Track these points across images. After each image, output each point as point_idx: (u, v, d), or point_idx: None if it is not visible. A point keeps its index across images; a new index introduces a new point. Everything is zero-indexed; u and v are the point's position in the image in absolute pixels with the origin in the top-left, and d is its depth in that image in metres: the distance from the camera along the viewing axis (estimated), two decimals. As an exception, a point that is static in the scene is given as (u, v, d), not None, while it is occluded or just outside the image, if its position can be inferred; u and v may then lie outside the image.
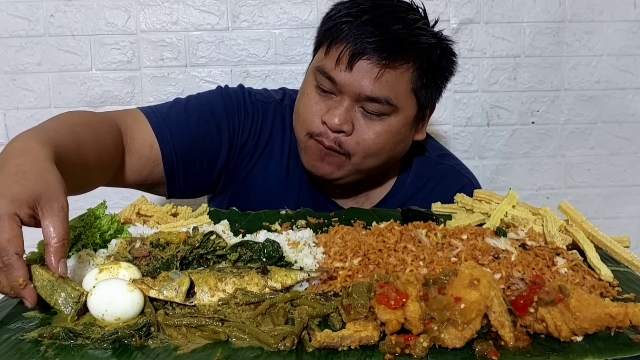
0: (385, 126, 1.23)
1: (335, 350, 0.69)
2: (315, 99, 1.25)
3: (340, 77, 1.19)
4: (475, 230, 0.99)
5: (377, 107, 1.20)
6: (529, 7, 2.01)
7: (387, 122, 1.23)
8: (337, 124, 1.20)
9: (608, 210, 2.18)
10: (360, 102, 1.21)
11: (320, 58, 1.25)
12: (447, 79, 1.31)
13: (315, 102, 1.24)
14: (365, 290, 0.73)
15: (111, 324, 0.74)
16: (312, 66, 1.28)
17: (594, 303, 0.70)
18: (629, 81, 2.09)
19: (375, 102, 1.19)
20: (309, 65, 1.33)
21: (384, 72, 1.17)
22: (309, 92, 1.26)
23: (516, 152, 2.12)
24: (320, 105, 1.24)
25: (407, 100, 1.23)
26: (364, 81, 1.18)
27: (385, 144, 1.25)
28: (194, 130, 1.27)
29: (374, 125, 1.22)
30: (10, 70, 1.92)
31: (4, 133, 1.95)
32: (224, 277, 0.82)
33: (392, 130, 1.24)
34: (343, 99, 1.21)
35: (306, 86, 1.28)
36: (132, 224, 1.02)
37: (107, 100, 1.96)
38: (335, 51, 1.20)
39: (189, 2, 1.94)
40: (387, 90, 1.19)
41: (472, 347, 0.69)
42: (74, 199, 2.16)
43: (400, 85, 1.21)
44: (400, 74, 1.20)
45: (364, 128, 1.22)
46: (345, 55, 1.18)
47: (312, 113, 1.24)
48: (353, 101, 1.21)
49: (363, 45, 1.16)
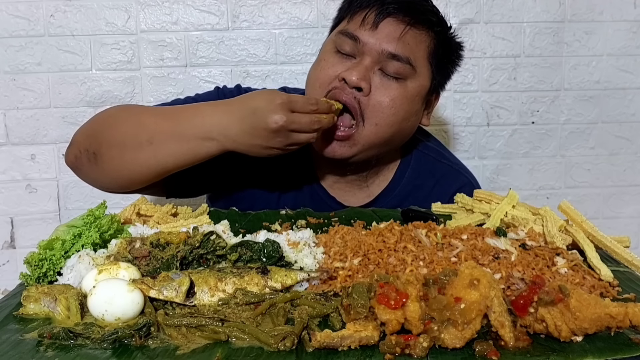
0: (402, 90, 1.25)
1: (335, 350, 0.69)
2: (333, 62, 1.26)
3: (364, 35, 1.23)
4: (475, 230, 0.98)
5: (397, 67, 1.23)
6: (529, 7, 2.01)
7: (404, 86, 1.25)
8: (357, 79, 1.21)
9: (608, 210, 2.18)
10: (381, 63, 1.23)
11: (343, 25, 1.29)
12: (455, 65, 1.37)
13: (332, 65, 1.26)
14: (365, 290, 0.73)
15: (111, 324, 0.74)
16: (331, 36, 1.31)
17: (594, 303, 0.70)
18: (629, 81, 2.09)
19: (396, 60, 1.22)
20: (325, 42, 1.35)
21: (408, 30, 1.23)
22: (327, 58, 1.28)
23: (516, 152, 2.12)
24: (337, 67, 1.25)
25: (424, 67, 1.27)
26: (389, 38, 1.22)
27: (399, 109, 1.25)
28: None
29: (391, 88, 1.24)
30: (10, 70, 1.92)
31: (4, 133, 1.96)
32: (224, 277, 0.82)
33: (407, 95, 1.26)
34: (363, 58, 1.23)
35: (323, 54, 1.30)
36: (132, 224, 1.02)
37: (107, 100, 1.96)
38: (360, 14, 1.25)
39: (189, 2, 1.94)
40: (409, 50, 1.23)
41: (472, 347, 0.69)
42: (74, 198, 2.16)
43: (420, 50, 1.26)
44: (421, 37, 1.25)
45: (381, 90, 1.24)
46: (372, 15, 1.23)
47: (329, 74, 1.25)
48: (374, 62, 1.23)
49: (389, 5, 1.22)
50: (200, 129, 1.11)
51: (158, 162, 1.14)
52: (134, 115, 1.19)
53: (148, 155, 1.13)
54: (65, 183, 2.00)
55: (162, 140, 1.12)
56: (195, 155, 1.14)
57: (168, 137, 1.12)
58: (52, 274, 0.88)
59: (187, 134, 1.11)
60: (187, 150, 1.12)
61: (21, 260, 1.24)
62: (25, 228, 2.02)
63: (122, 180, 1.18)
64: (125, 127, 1.17)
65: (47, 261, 0.87)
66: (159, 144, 1.12)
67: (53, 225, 1.13)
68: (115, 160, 1.15)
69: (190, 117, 1.13)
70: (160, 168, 1.15)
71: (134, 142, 1.13)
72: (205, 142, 1.11)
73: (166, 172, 1.17)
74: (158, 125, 1.14)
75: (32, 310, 0.79)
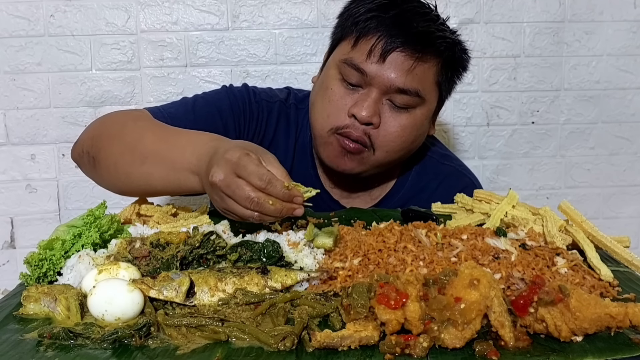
0: (411, 119, 1.25)
1: (335, 350, 0.69)
2: (341, 93, 1.24)
3: (371, 69, 1.21)
4: (475, 230, 0.98)
5: (406, 100, 1.22)
6: (529, 7, 2.01)
7: (413, 114, 1.25)
8: (367, 116, 1.20)
9: (608, 210, 2.18)
10: (389, 95, 1.22)
11: (346, 51, 1.25)
12: (462, 75, 1.36)
13: (341, 97, 1.24)
14: (365, 290, 0.73)
15: (111, 324, 0.74)
16: (335, 60, 1.28)
17: (594, 303, 0.70)
18: (629, 81, 2.09)
19: (405, 94, 1.22)
20: (324, 61, 1.34)
21: (417, 64, 1.21)
22: (333, 87, 1.25)
23: (516, 152, 2.12)
24: (346, 100, 1.24)
25: (432, 93, 1.27)
26: (397, 73, 1.20)
27: (409, 136, 1.26)
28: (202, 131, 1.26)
29: (401, 118, 1.24)
30: (10, 70, 1.92)
31: (4, 133, 1.95)
32: (224, 277, 0.82)
33: (416, 122, 1.26)
34: (371, 91, 1.22)
35: (329, 81, 1.27)
36: (132, 224, 1.02)
37: (107, 101, 1.96)
38: (365, 44, 1.21)
39: (189, 2, 1.94)
40: (417, 82, 1.22)
41: (472, 347, 0.69)
42: (74, 198, 2.16)
43: (428, 78, 1.24)
44: (429, 67, 1.23)
45: (391, 121, 1.23)
46: (378, 47, 1.20)
47: (338, 107, 1.24)
48: (381, 93, 1.22)
49: (398, 38, 1.19)
50: (188, 161, 1.03)
51: (148, 182, 1.10)
52: (139, 130, 1.16)
53: (140, 173, 1.10)
54: (65, 183, 2.00)
55: (155, 162, 1.08)
56: (180, 187, 1.07)
57: (160, 160, 1.08)
58: (52, 274, 0.88)
59: (177, 163, 1.05)
60: (175, 180, 1.07)
61: (21, 260, 1.24)
62: (25, 228, 2.01)
63: (117, 189, 1.18)
64: (126, 139, 1.14)
65: (47, 261, 0.87)
66: (151, 165, 1.08)
67: (53, 225, 1.13)
68: (110, 170, 1.14)
69: (184, 145, 1.06)
70: (151, 188, 1.11)
71: (130, 158, 1.11)
72: (191, 175, 1.03)
73: (155, 193, 1.15)
74: (155, 145, 1.10)
75: (32, 310, 0.79)
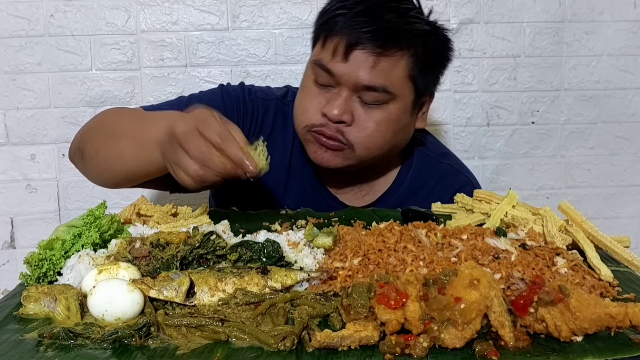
0: (385, 114, 1.24)
1: (335, 350, 0.69)
2: (314, 92, 1.26)
3: (337, 68, 1.21)
4: (475, 230, 0.98)
5: (375, 96, 1.22)
6: (529, 7, 2.01)
7: (386, 110, 1.24)
8: (337, 114, 1.21)
9: (608, 210, 2.18)
10: (358, 92, 1.22)
11: (317, 52, 1.27)
12: (445, 66, 1.33)
13: (314, 96, 1.26)
14: (365, 290, 0.73)
15: (111, 324, 0.74)
16: (310, 60, 1.30)
17: (594, 303, 0.70)
18: (629, 81, 2.09)
19: (372, 90, 1.21)
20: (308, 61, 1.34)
21: (379, 60, 1.19)
22: (308, 86, 1.28)
23: (516, 152, 2.12)
24: (319, 98, 1.25)
25: (404, 88, 1.25)
26: (360, 71, 1.19)
27: (386, 132, 1.26)
28: None
29: (373, 115, 1.23)
30: (10, 70, 1.92)
31: (4, 133, 1.95)
32: (224, 277, 0.82)
33: (391, 118, 1.25)
34: (341, 90, 1.22)
35: (306, 80, 1.30)
36: (132, 224, 1.02)
37: (107, 100, 1.96)
38: (330, 43, 1.22)
39: (189, 2, 1.94)
40: (383, 78, 1.20)
41: (472, 347, 0.69)
42: (74, 198, 2.16)
43: (396, 73, 1.22)
44: (395, 61, 1.21)
45: (364, 117, 1.23)
46: (341, 46, 1.20)
47: (312, 106, 1.25)
48: (351, 91, 1.22)
49: (357, 35, 1.18)
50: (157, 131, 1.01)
51: (122, 162, 1.10)
52: (118, 117, 1.20)
53: (115, 154, 1.10)
54: (65, 183, 2.00)
55: (127, 140, 1.09)
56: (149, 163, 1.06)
57: (132, 137, 1.09)
58: (52, 274, 0.88)
59: (146, 137, 1.04)
60: (143, 156, 1.06)
61: (21, 260, 1.24)
62: (25, 228, 2.01)
63: (101, 179, 1.19)
64: (107, 127, 1.17)
65: (47, 261, 0.87)
66: (125, 144, 1.09)
67: (53, 225, 1.13)
68: (93, 160, 1.17)
69: (157, 121, 1.06)
70: (124, 169, 1.11)
71: (108, 142, 1.13)
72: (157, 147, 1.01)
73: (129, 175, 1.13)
74: (129, 125, 1.13)
75: (32, 310, 0.79)
